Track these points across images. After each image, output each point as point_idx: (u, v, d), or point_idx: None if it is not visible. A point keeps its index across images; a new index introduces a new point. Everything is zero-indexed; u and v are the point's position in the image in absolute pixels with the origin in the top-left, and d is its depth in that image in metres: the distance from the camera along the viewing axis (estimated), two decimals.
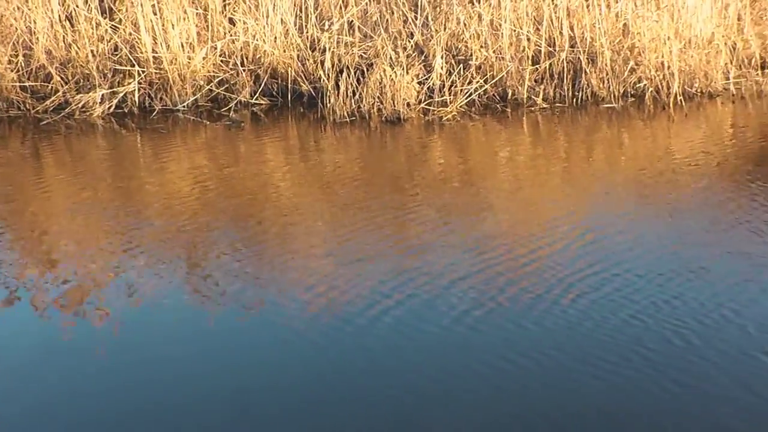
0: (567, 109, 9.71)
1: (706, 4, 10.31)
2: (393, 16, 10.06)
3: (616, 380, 3.97)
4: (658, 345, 4.26)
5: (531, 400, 3.85)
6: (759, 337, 4.32)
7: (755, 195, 6.62)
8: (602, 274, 5.10)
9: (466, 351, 4.30)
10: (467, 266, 5.31)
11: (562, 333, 4.42)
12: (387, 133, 8.96)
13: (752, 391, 3.84)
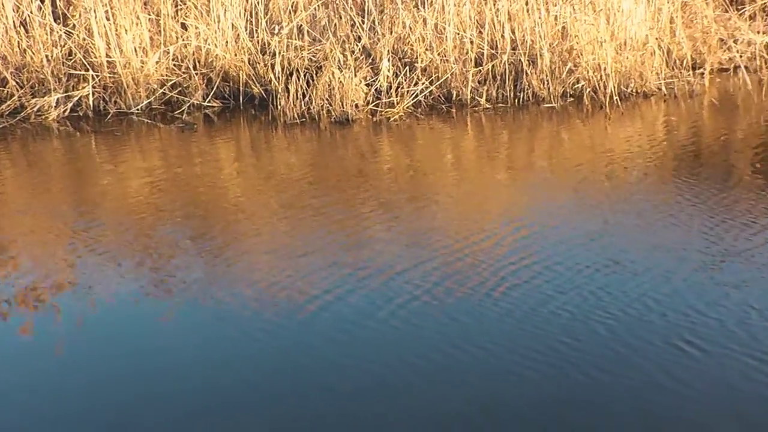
0: (509, 109, 9.80)
1: (640, 8, 10.43)
2: (341, 20, 10.12)
3: (547, 370, 4.08)
4: (586, 335, 4.38)
5: (466, 391, 3.95)
6: (679, 326, 4.46)
7: (684, 191, 6.78)
8: (534, 267, 5.23)
9: (403, 344, 4.39)
10: (406, 261, 5.42)
11: (495, 325, 4.53)
12: (336, 133, 9.03)
13: (675, 378, 3.98)
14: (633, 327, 4.48)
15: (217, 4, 9.97)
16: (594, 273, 5.14)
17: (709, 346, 4.26)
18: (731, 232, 5.80)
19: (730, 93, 10.39)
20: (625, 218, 6.21)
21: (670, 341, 4.32)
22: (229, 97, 9.99)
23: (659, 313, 4.62)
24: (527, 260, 5.36)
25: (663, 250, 5.49)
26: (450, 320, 4.59)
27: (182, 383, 4.12)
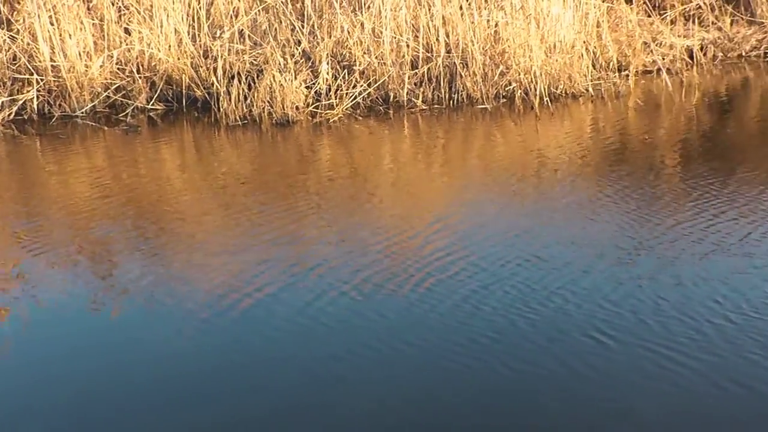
0: (444, 110, 9.94)
1: (568, 13, 10.61)
2: (281, 25, 10.22)
3: (471, 362, 4.18)
4: (507, 328, 4.51)
5: (395, 384, 4.05)
6: (596, 317, 4.59)
7: (607, 188, 6.95)
8: (460, 263, 5.36)
9: (333, 340, 4.49)
10: (338, 258, 5.55)
11: (421, 320, 4.65)
12: (277, 135, 9.12)
13: (592, 366, 4.13)
14: (552, 319, 4.59)
15: (160, 10, 10.03)
16: (516, 268, 5.28)
17: (624, 337, 4.38)
18: (647, 227, 5.96)
19: (653, 94, 10.62)
20: (550, 215, 6.39)
21: (587, 332, 4.44)
22: (172, 100, 10.06)
23: (577, 305, 4.75)
24: (453, 256, 5.48)
25: (583, 245, 5.66)
26: (378, 316, 4.70)
27: (119, 382, 4.16)
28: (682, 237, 5.77)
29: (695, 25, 12.28)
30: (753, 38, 12.45)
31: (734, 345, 4.26)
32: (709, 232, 5.82)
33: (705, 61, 12.00)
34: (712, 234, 5.78)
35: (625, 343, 4.34)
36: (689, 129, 9.16)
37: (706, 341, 4.31)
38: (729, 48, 12.37)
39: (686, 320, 4.54)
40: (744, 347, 4.22)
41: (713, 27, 12.44)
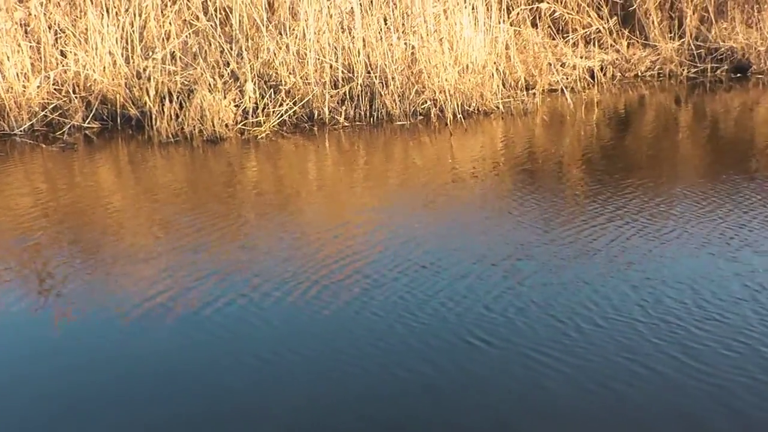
0: (365, 126, 10.11)
1: (479, 36, 10.93)
2: (211, 47, 10.33)
3: (353, 370, 4.25)
4: (388, 335, 4.60)
5: (284, 391, 4.10)
6: (470, 322, 4.70)
7: (510, 198, 7.19)
8: (349, 271, 5.50)
9: (217, 349, 4.55)
10: (243, 265, 5.68)
11: (304, 327, 4.75)
12: (208, 151, 9.17)
13: (465, 369, 4.22)
14: (429, 325, 4.68)
15: (95, 33, 10.10)
16: (403, 275, 5.39)
17: (495, 340, 4.49)
18: (537, 235, 6.14)
19: (557, 111, 10.92)
20: (450, 224, 6.50)
21: (461, 336, 4.54)
22: (107, 118, 10.11)
23: (454, 310, 4.85)
24: (345, 263, 5.63)
25: (472, 253, 5.76)
26: (264, 323, 4.82)
27: (60, 388, 4.20)
28: (567, 244, 5.91)
29: (595, 48, 12.72)
30: (647, 59, 12.94)
31: (598, 347, 4.39)
32: (595, 239, 5.99)
33: (604, 81, 12.47)
34: (596, 241, 5.96)
35: (495, 345, 4.45)
36: (590, 143, 9.41)
37: (572, 343, 4.42)
38: (626, 68, 12.87)
39: (555, 324, 4.67)
40: (607, 350, 4.35)
41: (612, 49, 12.88)
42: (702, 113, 10.96)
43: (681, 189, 7.26)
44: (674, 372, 4.15)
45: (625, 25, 13.09)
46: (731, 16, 13.02)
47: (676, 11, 13.15)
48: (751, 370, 4.14)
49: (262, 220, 6.90)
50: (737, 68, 12.94)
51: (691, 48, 13.04)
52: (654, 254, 5.69)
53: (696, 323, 4.65)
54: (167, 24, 10.35)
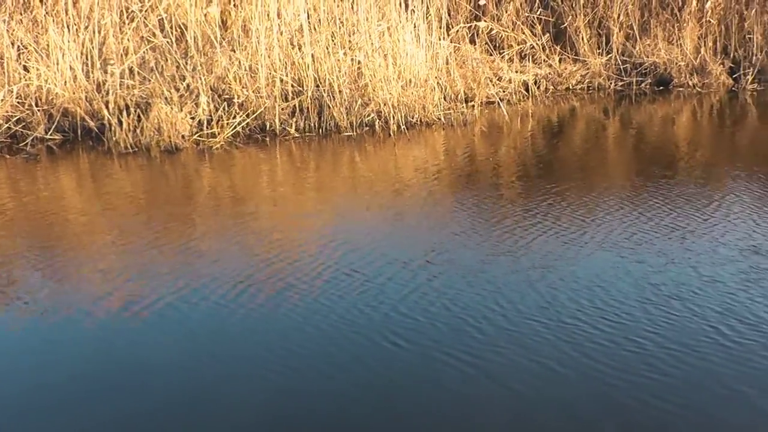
0: (315, 137, 10.23)
1: (421, 52, 11.17)
2: (167, 62, 10.42)
3: (283, 370, 4.38)
4: (311, 338, 4.73)
5: (204, 397, 4.17)
6: (389, 325, 4.82)
7: (447, 204, 7.41)
8: (282, 275, 5.64)
9: (187, 351, 4.65)
10: (207, 276, 5.71)
11: (238, 335, 4.84)
12: (165, 161, 9.23)
13: (378, 373, 4.33)
14: (353, 327, 4.81)
15: (56, 49, 10.14)
16: (327, 280, 5.51)
17: (402, 341, 4.61)
18: (455, 240, 6.30)
19: (495, 122, 11.14)
20: (386, 229, 6.70)
21: (370, 337, 4.67)
22: (68, 130, 10.10)
23: (363, 312, 5.00)
24: (277, 269, 5.77)
25: (391, 257, 5.91)
26: (187, 330, 4.93)
27: (15, 385, 4.33)
28: (489, 248, 6.08)
29: (529, 63, 13.06)
30: (577, 74, 13.30)
31: (500, 347, 4.53)
32: (515, 243, 6.16)
33: (538, 93, 12.78)
34: (517, 245, 6.13)
35: (411, 350, 4.54)
36: (524, 151, 9.69)
37: (476, 344, 4.55)
38: (558, 82, 13.21)
39: (462, 325, 4.80)
40: (509, 350, 4.49)
41: (545, 64, 13.21)
42: (628, 123, 11.29)
43: (604, 195, 7.54)
44: (571, 371, 4.28)
45: (557, 42, 13.46)
46: (654, 33, 13.46)
47: (604, 29, 13.55)
48: (638, 368, 4.31)
49: (213, 225, 6.98)
50: (660, 82, 13.38)
51: (617, 63, 13.45)
52: (567, 258, 5.85)
53: (593, 323, 4.81)
54: (125, 40, 10.43)
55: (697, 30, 13.53)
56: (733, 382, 4.19)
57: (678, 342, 4.61)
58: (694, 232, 6.46)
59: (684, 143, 10.27)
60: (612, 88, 13.37)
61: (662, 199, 7.38)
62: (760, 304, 5.06)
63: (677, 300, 5.14)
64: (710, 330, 4.75)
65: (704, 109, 12.16)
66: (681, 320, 4.87)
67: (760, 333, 4.70)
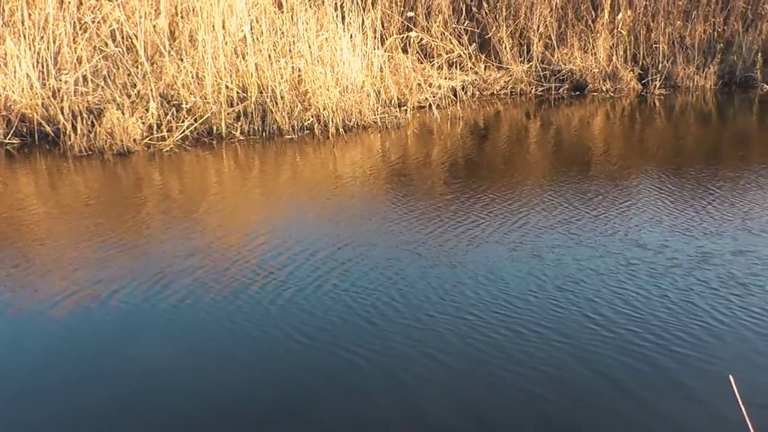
0: (259, 140, 10.35)
1: (357, 61, 11.40)
2: (119, 70, 10.49)
3: (189, 362, 4.50)
4: (210, 333, 4.79)
5: (162, 383, 4.30)
6: (293, 321, 4.87)
7: (391, 201, 7.55)
8: (193, 272, 5.72)
9: (136, 344, 4.74)
10: (152, 273, 5.78)
11: (167, 329, 4.92)
12: (118, 163, 9.27)
13: (288, 364, 4.39)
14: (254, 323, 4.86)
15: (13, 58, 10.13)
16: (242, 279, 5.57)
17: (302, 337, 4.67)
18: (370, 238, 6.38)
19: (426, 125, 11.38)
20: (313, 228, 6.79)
21: (270, 333, 4.72)
22: (26, 135, 10.11)
23: (272, 308, 5.06)
24: (191, 264, 5.86)
25: (306, 254, 6.01)
26: (109, 326, 5.00)
27: None
28: (402, 243, 6.17)
29: (457, 70, 13.36)
30: (501, 80, 13.64)
31: (393, 342, 4.58)
32: (426, 241, 6.26)
33: (465, 98, 13.06)
34: (426, 239, 6.26)
35: (301, 342, 4.62)
36: (453, 151, 9.89)
37: (370, 338, 4.62)
38: (483, 88, 13.54)
39: (358, 321, 4.86)
40: (401, 344, 4.55)
41: (471, 71, 13.54)
42: (548, 125, 11.60)
43: (517, 193, 7.73)
44: (461, 364, 4.36)
45: (482, 51, 13.78)
46: (570, 43, 13.89)
47: (525, 39, 13.93)
48: (520, 357, 4.42)
49: (161, 224, 7.06)
50: (576, 87, 13.79)
51: (537, 70, 13.84)
52: (468, 253, 5.96)
53: (483, 316, 4.91)
54: (79, 50, 10.46)
55: (609, 40, 13.98)
56: (608, 370, 4.28)
57: (558, 332, 4.71)
58: (586, 226, 6.64)
59: (597, 143, 10.61)
60: (533, 93, 13.72)
61: (567, 196, 7.60)
62: (634, 295, 5.20)
63: (560, 291, 5.25)
64: (586, 319, 4.86)
65: (616, 112, 12.55)
66: (563, 311, 4.96)
67: (633, 321, 4.82)
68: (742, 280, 5.41)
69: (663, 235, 6.41)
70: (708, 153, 9.97)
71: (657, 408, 3.97)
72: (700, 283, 5.39)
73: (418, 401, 4.05)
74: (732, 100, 13.43)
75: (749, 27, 14.37)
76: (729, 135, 11.32)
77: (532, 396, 4.08)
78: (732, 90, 14.01)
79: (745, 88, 14.01)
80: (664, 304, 5.07)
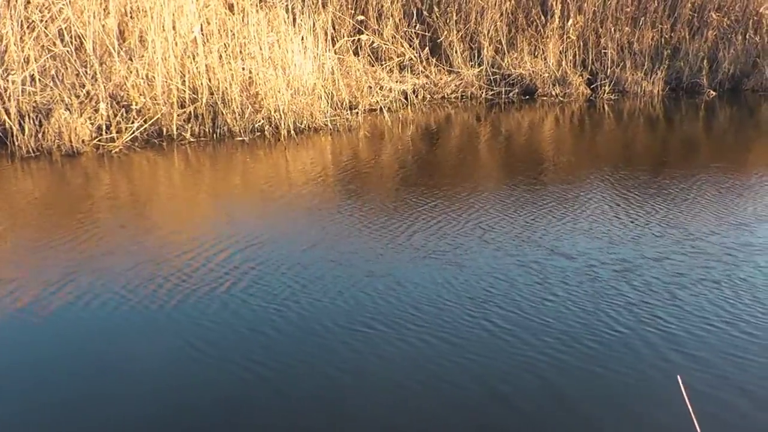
0: (209, 142, 10.51)
1: (308, 63, 11.64)
2: (67, 70, 10.57)
3: (165, 365, 4.57)
4: (115, 339, 4.89)
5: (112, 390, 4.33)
6: (195, 328, 4.95)
7: (335, 204, 7.73)
8: (175, 275, 5.84)
9: (81, 348, 4.82)
10: (105, 276, 5.83)
11: (121, 332, 4.98)
12: (66, 165, 9.32)
13: (191, 375, 4.43)
14: (158, 332, 4.91)
15: None
16: (159, 286, 5.63)
17: (208, 348, 4.70)
18: (340, 239, 6.54)
19: (378, 127, 11.64)
20: (277, 229, 6.90)
21: (181, 344, 4.76)
22: None
23: (176, 315, 5.12)
24: (128, 262, 6.01)
25: (222, 262, 6.08)
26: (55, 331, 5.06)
27: None
28: (325, 251, 6.24)
29: (409, 73, 13.67)
30: (452, 83, 14.01)
31: (280, 354, 4.63)
32: (359, 247, 6.32)
33: (417, 102, 13.39)
34: (355, 247, 6.31)
35: (205, 353, 4.66)
36: (403, 155, 10.10)
37: (261, 351, 4.65)
38: (434, 91, 13.89)
39: (262, 332, 4.88)
40: (286, 354, 4.61)
41: (422, 75, 13.88)
42: (498, 129, 11.91)
43: (456, 201, 7.77)
44: (341, 374, 4.39)
45: (433, 55, 14.11)
46: (520, 47, 14.33)
47: (476, 43, 14.33)
48: (409, 370, 4.45)
49: (107, 226, 7.08)
50: (526, 91, 14.22)
51: (488, 74, 14.24)
52: (387, 263, 6.00)
53: (386, 325, 4.94)
54: (26, 49, 10.49)
55: (559, 45, 14.44)
56: (497, 380, 4.34)
57: (457, 337, 4.80)
58: (503, 231, 6.73)
59: (544, 148, 10.90)
60: (483, 97, 14.11)
61: (503, 202, 7.69)
62: (547, 303, 5.26)
63: (469, 299, 5.30)
64: (473, 324, 4.96)
65: (566, 116, 12.92)
66: (467, 321, 4.99)
67: (525, 329, 4.90)
68: (657, 287, 5.53)
69: (583, 242, 6.49)
70: (653, 159, 10.24)
71: (538, 419, 4.02)
72: (609, 290, 5.52)
73: (298, 413, 4.06)
74: (679, 105, 13.87)
75: (695, 34, 14.99)
76: (675, 140, 11.68)
77: (426, 404, 4.11)
78: (679, 95, 14.53)
79: (692, 94, 14.54)
80: (573, 312, 5.15)
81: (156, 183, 8.91)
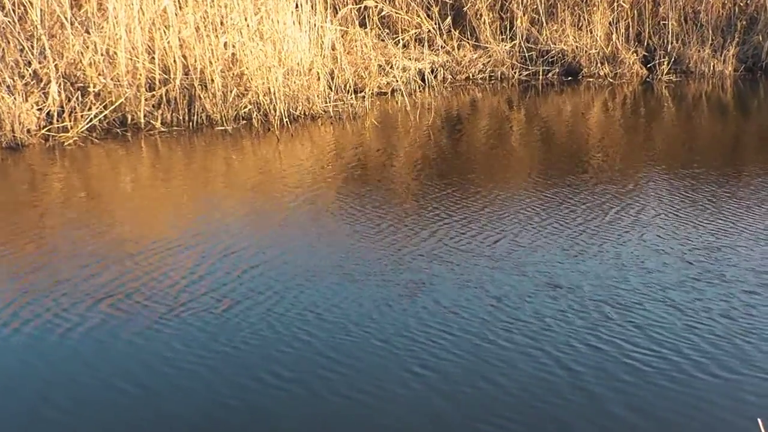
0: (184, 132, 10.36)
1: (304, 36, 11.35)
2: (9, 45, 10.29)
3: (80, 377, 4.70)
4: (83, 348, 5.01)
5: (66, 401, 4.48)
6: (166, 334, 5.13)
7: (333, 210, 7.54)
8: (144, 280, 5.92)
9: (62, 359, 4.91)
10: (73, 280, 5.90)
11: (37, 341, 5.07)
12: (8, 159, 9.19)
13: (172, 385, 4.61)
14: (130, 338, 5.10)
15: None
16: (123, 296, 5.71)
17: (169, 352, 4.92)
18: (335, 241, 6.60)
19: (389, 114, 11.48)
20: (281, 230, 6.94)
21: (156, 351, 4.95)
22: None
23: (147, 320, 5.30)
24: (142, 276, 6.01)
25: (258, 267, 6.13)
26: None
27: None
28: (320, 260, 6.24)
29: (426, 49, 13.41)
30: (479, 62, 13.76)
31: (239, 363, 4.80)
32: (350, 253, 6.36)
33: (435, 84, 13.16)
34: (347, 254, 6.34)
35: (188, 355, 4.89)
36: (421, 148, 9.88)
37: (213, 359, 4.84)
38: (457, 71, 13.70)
39: (208, 340, 5.06)
40: (254, 365, 4.78)
41: (442, 51, 13.64)
42: (534, 118, 11.69)
43: (502, 202, 7.71)
44: (319, 387, 4.55)
45: (456, 27, 13.86)
46: (562, 18, 13.98)
47: (507, 12, 14.00)
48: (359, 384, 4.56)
49: (56, 235, 7.04)
50: (568, 71, 13.94)
51: (522, 50, 13.97)
52: (375, 271, 6.03)
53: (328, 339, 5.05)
54: None
55: (608, 15, 14.11)
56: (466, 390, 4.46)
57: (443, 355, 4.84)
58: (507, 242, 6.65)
59: (591, 141, 10.64)
60: (516, 78, 13.87)
61: (544, 211, 7.51)
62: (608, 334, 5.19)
63: (454, 315, 5.34)
64: None
65: (616, 102, 12.68)
66: (458, 338, 5.06)
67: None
68: None
69: (654, 259, 6.34)
70: (724, 156, 9.96)
71: None
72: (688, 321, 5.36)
73: (229, 421, 4.24)
74: (756, 89, 13.57)
75: None
76: (752, 133, 11.41)
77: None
78: (757, 77, 14.20)
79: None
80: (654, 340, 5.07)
81: (117, 183, 8.69)
